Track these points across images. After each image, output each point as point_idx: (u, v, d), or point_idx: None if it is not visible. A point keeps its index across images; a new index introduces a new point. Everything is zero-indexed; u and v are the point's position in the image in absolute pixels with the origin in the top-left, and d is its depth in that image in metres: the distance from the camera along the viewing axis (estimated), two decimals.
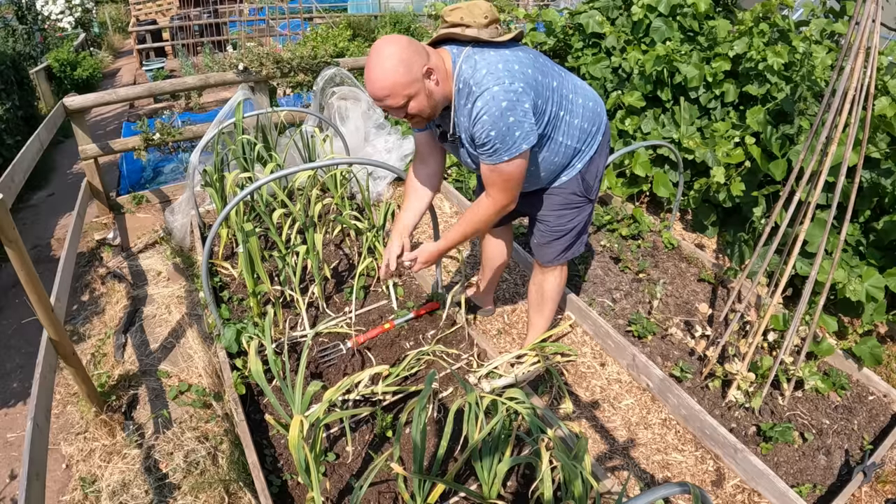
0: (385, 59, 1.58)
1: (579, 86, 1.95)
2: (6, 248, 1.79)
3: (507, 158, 1.69)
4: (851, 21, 1.97)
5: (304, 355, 1.86)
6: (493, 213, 1.86)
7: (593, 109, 1.95)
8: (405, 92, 1.61)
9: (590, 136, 1.97)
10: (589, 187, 2.04)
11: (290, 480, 1.95)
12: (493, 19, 1.72)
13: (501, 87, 1.62)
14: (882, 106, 2.59)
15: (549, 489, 1.58)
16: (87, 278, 3.37)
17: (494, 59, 1.66)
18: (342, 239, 3.33)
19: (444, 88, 1.70)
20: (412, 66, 1.60)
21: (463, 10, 1.71)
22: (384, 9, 10.01)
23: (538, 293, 2.36)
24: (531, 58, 1.76)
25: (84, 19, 11.43)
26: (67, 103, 3.69)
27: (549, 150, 1.90)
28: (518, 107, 1.64)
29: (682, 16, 3.67)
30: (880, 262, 2.71)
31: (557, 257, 2.19)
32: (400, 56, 1.58)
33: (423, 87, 1.64)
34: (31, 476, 1.67)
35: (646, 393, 2.47)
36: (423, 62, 1.62)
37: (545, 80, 1.76)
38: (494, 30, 1.73)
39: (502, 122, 1.63)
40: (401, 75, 1.58)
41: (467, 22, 1.69)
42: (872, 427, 2.31)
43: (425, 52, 1.65)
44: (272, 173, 2.71)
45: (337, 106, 3.93)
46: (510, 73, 1.64)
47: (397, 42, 1.61)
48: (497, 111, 1.62)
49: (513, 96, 1.62)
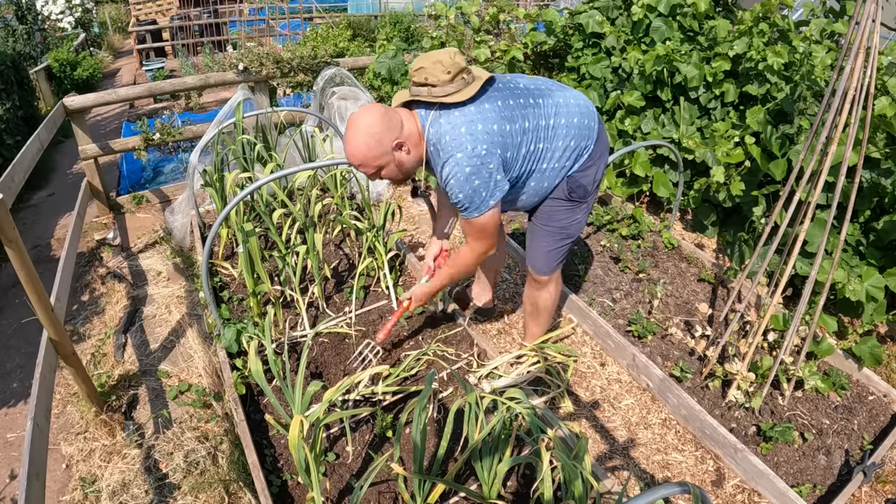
0: (358, 133, 1.70)
1: (562, 104, 1.90)
2: (6, 248, 1.79)
3: (476, 215, 1.81)
4: (851, 21, 1.97)
5: (304, 355, 1.86)
6: (472, 259, 2.00)
7: (579, 124, 1.92)
8: (375, 164, 1.74)
9: (579, 151, 1.95)
10: (583, 191, 2.01)
11: (290, 480, 1.95)
12: (456, 73, 1.73)
13: (465, 154, 1.70)
14: (882, 106, 2.59)
15: (549, 489, 1.58)
16: (87, 278, 3.37)
17: (458, 121, 1.73)
18: (342, 239, 3.33)
19: (417, 154, 1.80)
20: (382, 141, 1.71)
21: (426, 70, 1.74)
22: (384, 9, 10.01)
23: (532, 306, 2.40)
24: (497, 107, 1.77)
25: (84, 19, 11.43)
26: (67, 103, 3.69)
27: (535, 179, 1.95)
28: (482, 170, 1.73)
29: (682, 16, 3.66)
30: (880, 262, 2.71)
31: (549, 264, 2.18)
32: (371, 132, 1.69)
33: (393, 159, 1.76)
34: (31, 476, 1.67)
35: (646, 393, 2.47)
36: (394, 136, 1.73)
37: (514, 126, 1.78)
38: (461, 80, 1.74)
39: (468, 185, 1.73)
40: (371, 149, 1.71)
41: (432, 81, 1.73)
42: (872, 427, 2.31)
43: (399, 124, 1.74)
44: (272, 173, 2.71)
45: (337, 106, 3.93)
46: (473, 136, 1.71)
47: (371, 115, 1.70)
48: (462, 176, 1.72)
49: (476, 161, 1.71)
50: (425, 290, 2.19)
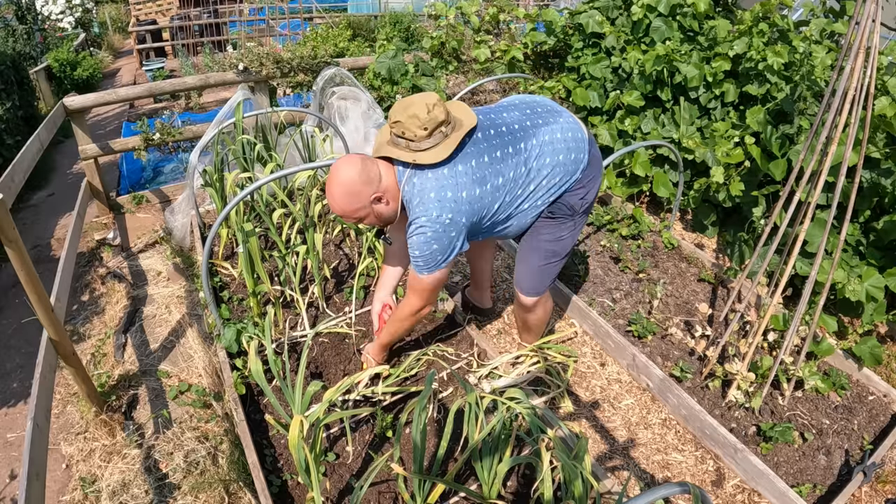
0: (338, 187, 1.75)
1: (547, 143, 1.87)
2: (6, 248, 1.79)
3: (426, 273, 1.87)
4: (851, 21, 1.97)
5: (304, 355, 1.86)
6: (409, 314, 2.03)
7: (565, 161, 1.90)
8: (354, 215, 1.81)
9: (564, 184, 1.94)
10: (569, 209, 1.99)
11: (290, 480, 1.95)
12: (433, 128, 1.71)
13: (429, 219, 1.75)
14: (882, 106, 2.59)
15: (549, 489, 1.58)
16: (87, 278, 3.37)
17: (429, 185, 1.75)
18: (342, 239, 3.33)
19: (395, 205, 1.85)
20: (361, 195, 1.75)
21: (402, 125, 1.73)
22: (384, 9, 10.01)
23: (522, 323, 2.44)
24: (471, 168, 1.76)
25: (84, 19, 11.43)
26: (67, 103, 3.69)
27: (516, 219, 1.97)
28: (444, 237, 1.77)
29: (682, 16, 3.67)
30: (880, 262, 2.71)
31: (533, 282, 2.18)
32: (349, 189, 1.74)
33: (372, 211, 1.81)
34: (31, 476, 1.67)
35: (646, 393, 2.47)
36: (373, 191, 1.76)
37: (485, 187, 1.79)
38: (439, 134, 1.73)
39: (427, 248, 1.79)
40: (349, 204, 1.77)
41: (408, 136, 1.73)
42: (872, 427, 2.31)
43: (377, 177, 1.77)
44: (272, 173, 2.71)
45: (337, 106, 3.93)
46: (441, 202, 1.73)
47: (351, 169, 1.74)
48: (423, 239, 1.78)
49: (439, 228, 1.75)
50: (374, 349, 2.25)
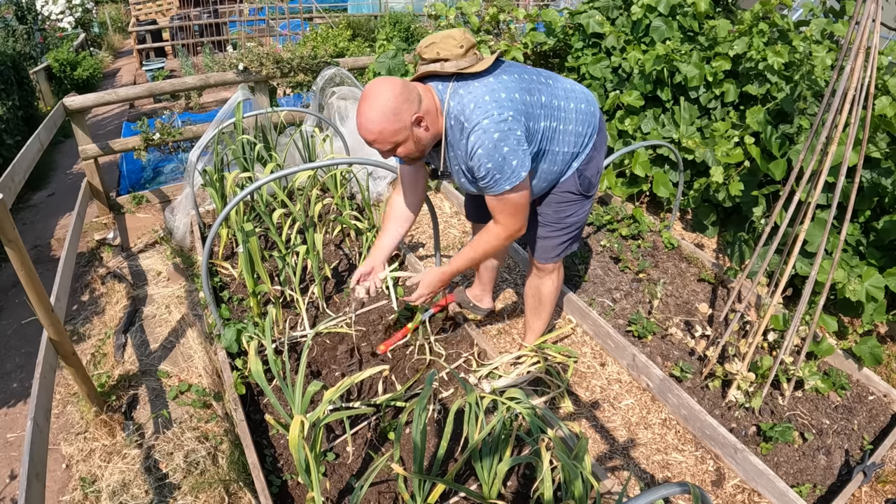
0: (376, 106, 1.59)
1: (569, 89, 1.93)
2: (6, 248, 1.79)
3: (508, 188, 1.71)
4: (851, 21, 1.97)
5: (305, 355, 1.86)
6: (503, 238, 1.88)
7: (586, 111, 1.95)
8: (393, 139, 1.64)
9: (585, 138, 1.97)
10: (588, 184, 2.05)
11: (290, 480, 1.95)
12: (468, 47, 1.71)
13: (491, 120, 1.63)
14: (882, 106, 2.59)
15: (549, 489, 1.58)
16: (87, 278, 3.37)
17: (480, 91, 1.67)
18: (342, 239, 3.33)
19: (435, 130, 1.72)
20: (402, 115, 1.61)
21: (438, 45, 1.71)
22: (384, 9, 10.00)
23: (535, 297, 2.37)
24: (515, 79, 1.75)
25: (84, 19, 11.44)
26: (67, 103, 3.69)
27: (547, 161, 1.92)
28: (511, 136, 1.65)
29: (682, 15, 3.66)
30: (880, 262, 2.71)
31: (556, 255, 2.20)
32: (391, 105, 1.59)
33: (412, 135, 1.66)
34: (31, 476, 1.67)
35: (646, 393, 2.47)
36: (414, 110, 1.63)
37: (533, 98, 1.77)
38: (473, 56, 1.73)
39: (497, 153, 1.65)
40: (390, 123, 1.60)
41: (445, 56, 1.69)
42: (872, 427, 2.31)
43: (417, 98, 1.65)
44: (272, 173, 2.71)
45: (337, 106, 3.93)
46: (498, 103, 1.65)
47: (391, 88, 1.60)
48: (490, 144, 1.64)
49: (504, 126, 1.64)
50: (436, 277, 1.99)
